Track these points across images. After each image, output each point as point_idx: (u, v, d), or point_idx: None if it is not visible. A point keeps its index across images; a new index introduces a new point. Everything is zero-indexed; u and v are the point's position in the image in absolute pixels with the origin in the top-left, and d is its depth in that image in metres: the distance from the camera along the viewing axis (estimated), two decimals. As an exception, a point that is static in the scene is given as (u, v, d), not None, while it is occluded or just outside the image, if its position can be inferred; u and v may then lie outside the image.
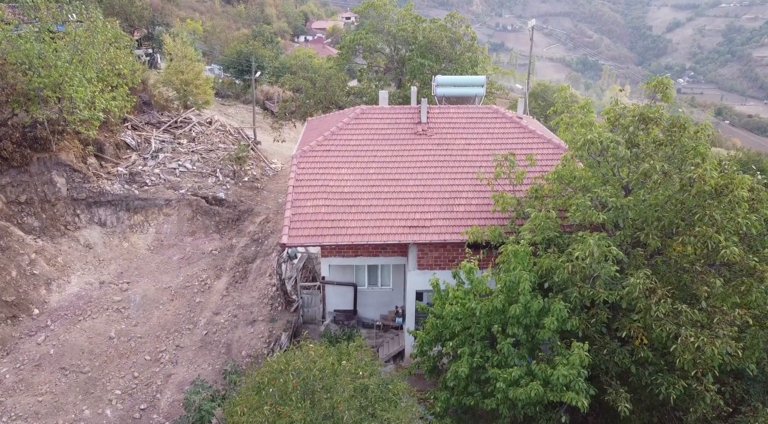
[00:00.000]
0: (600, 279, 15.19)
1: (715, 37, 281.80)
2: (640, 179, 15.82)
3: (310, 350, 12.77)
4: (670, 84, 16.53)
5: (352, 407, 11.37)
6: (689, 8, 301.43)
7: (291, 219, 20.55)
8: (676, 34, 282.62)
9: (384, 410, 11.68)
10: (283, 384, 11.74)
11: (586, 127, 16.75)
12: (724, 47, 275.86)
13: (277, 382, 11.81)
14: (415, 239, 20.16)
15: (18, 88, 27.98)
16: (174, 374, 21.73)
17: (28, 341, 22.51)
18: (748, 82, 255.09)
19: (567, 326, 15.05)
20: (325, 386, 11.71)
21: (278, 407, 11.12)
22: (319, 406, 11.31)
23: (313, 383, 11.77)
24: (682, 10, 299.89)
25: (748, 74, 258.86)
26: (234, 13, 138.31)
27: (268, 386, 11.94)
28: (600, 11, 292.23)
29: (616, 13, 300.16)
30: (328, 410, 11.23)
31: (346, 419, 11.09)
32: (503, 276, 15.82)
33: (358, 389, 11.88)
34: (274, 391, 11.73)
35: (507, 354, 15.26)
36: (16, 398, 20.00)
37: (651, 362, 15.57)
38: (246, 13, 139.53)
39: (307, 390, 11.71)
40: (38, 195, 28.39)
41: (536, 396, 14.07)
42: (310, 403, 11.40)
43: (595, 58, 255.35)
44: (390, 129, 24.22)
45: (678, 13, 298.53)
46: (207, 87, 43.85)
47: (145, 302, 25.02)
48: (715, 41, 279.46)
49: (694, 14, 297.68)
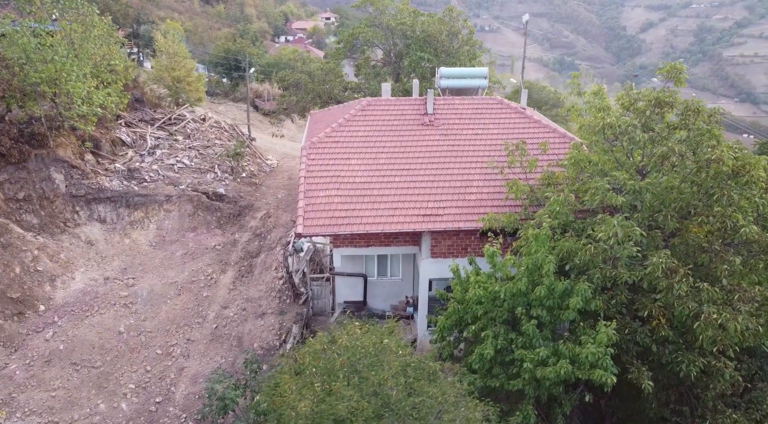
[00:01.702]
0: (621, 260, 15.50)
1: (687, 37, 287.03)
2: (657, 162, 16.18)
3: (355, 328, 12.86)
4: (683, 69, 16.96)
5: (399, 383, 11.49)
6: (662, 9, 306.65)
7: (305, 209, 20.62)
8: (649, 35, 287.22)
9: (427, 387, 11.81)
10: (329, 362, 11.82)
11: (604, 111, 17.05)
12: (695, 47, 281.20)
13: (322, 360, 11.87)
14: (429, 227, 20.35)
15: (14, 84, 27.57)
16: (187, 368, 21.60)
17: (36, 337, 22.18)
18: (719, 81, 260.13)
19: (591, 306, 15.34)
20: (371, 363, 11.81)
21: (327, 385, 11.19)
22: (367, 382, 11.42)
23: (360, 360, 11.87)
24: (655, 10, 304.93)
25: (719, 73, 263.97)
26: (213, 13, 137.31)
27: (310, 366, 12.00)
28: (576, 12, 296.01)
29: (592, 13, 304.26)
30: (375, 386, 11.34)
31: (394, 394, 11.21)
32: (526, 259, 16.07)
33: (402, 365, 12.00)
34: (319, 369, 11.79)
35: (532, 335, 15.51)
36: (29, 394, 19.72)
37: (670, 341, 15.93)
38: (225, 13, 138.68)
39: (353, 367, 11.80)
40: (36, 192, 27.96)
41: (565, 374, 14.32)
42: (358, 380, 11.50)
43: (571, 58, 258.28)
44: (397, 120, 24.39)
45: (651, 13, 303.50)
46: (199, 84, 43.58)
47: (153, 297, 24.81)
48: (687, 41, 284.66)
49: (667, 15, 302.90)
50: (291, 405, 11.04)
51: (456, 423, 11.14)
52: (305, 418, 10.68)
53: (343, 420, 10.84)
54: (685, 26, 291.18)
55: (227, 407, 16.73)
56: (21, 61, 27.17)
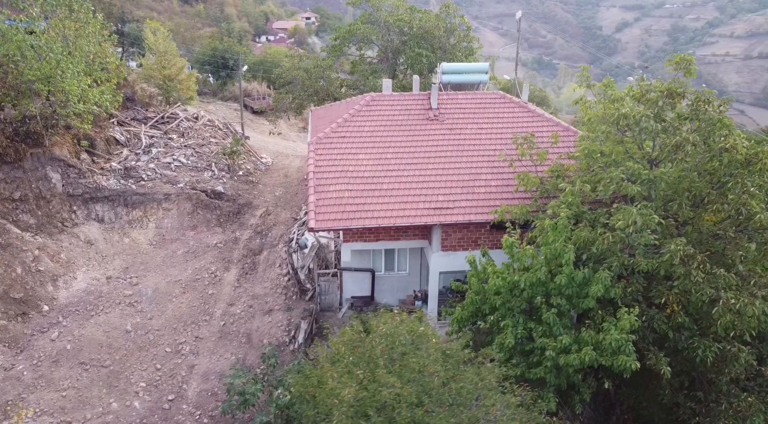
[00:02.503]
0: (639, 249, 15.77)
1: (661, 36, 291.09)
2: (671, 152, 16.48)
3: (393, 315, 12.92)
4: (692, 60, 17.30)
5: (438, 370, 11.58)
6: (636, 9, 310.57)
7: (315, 204, 20.62)
8: (625, 34, 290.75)
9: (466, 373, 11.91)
10: (368, 350, 11.86)
11: (618, 102, 17.33)
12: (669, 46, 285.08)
13: (361, 348, 11.92)
14: (441, 220, 20.48)
15: (8, 81, 27.13)
16: (197, 365, 21.47)
17: (41, 337, 21.85)
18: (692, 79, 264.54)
19: (610, 294, 15.58)
20: (409, 350, 11.88)
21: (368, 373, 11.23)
22: (407, 369, 11.49)
23: (398, 347, 11.94)
24: (630, 10, 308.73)
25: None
26: (193, 13, 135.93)
27: (347, 355, 12.03)
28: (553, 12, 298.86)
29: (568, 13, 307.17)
30: (415, 373, 11.42)
31: (435, 381, 11.30)
32: (544, 249, 16.27)
33: (440, 352, 12.10)
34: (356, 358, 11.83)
35: (552, 324, 15.70)
36: (39, 394, 19.43)
37: (686, 328, 16.24)
38: (205, 12, 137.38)
39: (393, 355, 11.85)
40: (33, 191, 27.52)
41: (590, 361, 14.53)
42: (399, 367, 11.56)
43: (549, 58, 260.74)
44: (402, 115, 24.50)
45: (626, 13, 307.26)
46: (190, 83, 43.23)
47: (157, 295, 24.58)
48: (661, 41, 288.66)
49: (641, 14, 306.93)
50: (333, 393, 11.08)
51: (496, 407, 11.27)
52: (348, 405, 10.72)
53: (385, 407, 10.90)
54: (659, 26, 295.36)
55: (247, 401, 16.69)
56: (16, 59, 26.73)
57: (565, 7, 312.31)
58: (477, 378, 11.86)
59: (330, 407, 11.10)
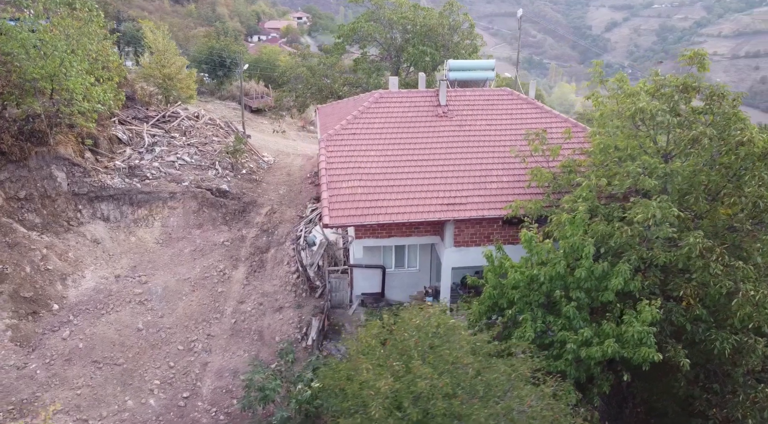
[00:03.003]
0: (657, 242, 15.91)
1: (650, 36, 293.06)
2: (687, 146, 16.65)
3: (427, 308, 12.98)
4: (706, 54, 17.48)
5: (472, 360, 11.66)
6: (625, 8, 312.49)
7: (329, 200, 20.64)
8: (614, 34, 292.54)
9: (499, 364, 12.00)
10: (401, 341, 11.91)
11: (634, 96, 17.47)
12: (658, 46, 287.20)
13: (393, 340, 11.96)
14: (454, 215, 20.57)
15: (12, 80, 26.91)
16: (210, 362, 21.42)
17: (52, 336, 21.73)
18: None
19: (630, 287, 15.69)
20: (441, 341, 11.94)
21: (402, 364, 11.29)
22: (441, 361, 11.56)
23: (431, 339, 12.00)
24: (619, 10, 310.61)
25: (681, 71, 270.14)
26: (184, 13, 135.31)
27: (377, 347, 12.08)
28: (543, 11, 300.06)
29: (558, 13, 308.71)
30: (449, 364, 11.48)
31: (470, 371, 11.37)
32: (562, 243, 16.37)
33: (471, 344, 12.17)
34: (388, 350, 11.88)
35: (572, 317, 15.81)
36: (53, 393, 19.33)
37: (703, 320, 16.39)
38: (197, 12, 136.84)
39: (427, 347, 11.91)
40: (38, 190, 27.36)
41: (612, 353, 14.64)
42: (433, 358, 11.62)
43: (540, 58, 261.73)
44: (411, 112, 24.58)
45: (615, 13, 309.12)
46: (189, 81, 43.07)
47: (167, 293, 24.50)
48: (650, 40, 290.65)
49: (630, 14, 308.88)
50: (367, 385, 11.11)
51: (530, 398, 11.36)
52: (383, 397, 10.76)
53: (420, 398, 10.96)
54: (648, 26, 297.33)
55: (267, 397, 16.70)
56: (21, 57, 26.54)
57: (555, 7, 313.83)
58: (509, 369, 11.94)
59: (364, 398, 11.14)
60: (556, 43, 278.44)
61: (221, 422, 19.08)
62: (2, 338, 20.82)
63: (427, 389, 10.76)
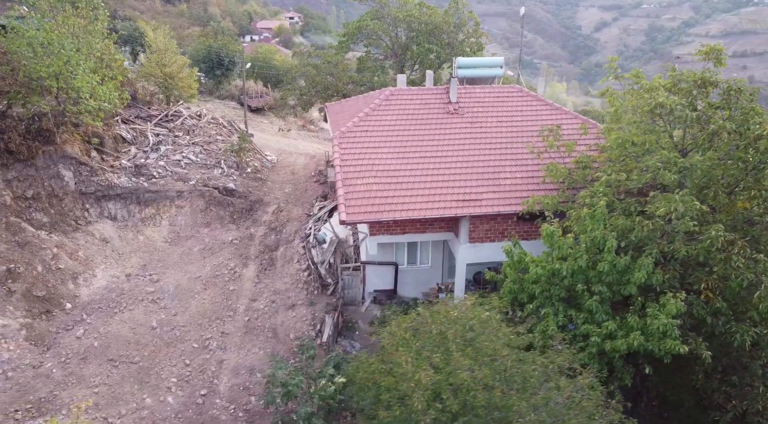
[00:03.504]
0: (678, 235, 16.09)
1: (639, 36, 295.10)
2: (706, 140, 16.86)
3: (466, 300, 13.06)
4: (722, 50, 17.68)
5: (509, 352, 11.77)
6: (614, 9, 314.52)
7: (345, 197, 20.71)
8: (603, 34, 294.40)
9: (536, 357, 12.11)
10: (438, 335, 11.98)
11: (653, 91, 17.64)
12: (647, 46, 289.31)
13: (429, 334, 12.04)
14: (470, 211, 20.69)
15: (19, 79, 26.72)
16: (226, 360, 21.40)
17: (66, 335, 21.62)
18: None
19: (652, 280, 15.86)
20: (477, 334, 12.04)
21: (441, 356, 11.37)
22: (480, 353, 11.65)
23: (468, 332, 12.09)
24: (608, 10, 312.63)
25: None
26: (176, 12, 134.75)
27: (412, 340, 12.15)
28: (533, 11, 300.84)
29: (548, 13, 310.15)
30: (488, 356, 11.58)
31: (509, 364, 11.47)
32: (583, 237, 16.52)
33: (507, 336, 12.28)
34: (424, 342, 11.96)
35: (595, 311, 15.97)
36: (71, 391, 19.23)
37: (723, 313, 16.58)
38: (189, 12, 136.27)
39: (466, 338, 12.00)
40: (45, 190, 27.20)
41: (638, 346, 14.80)
42: (472, 349, 11.71)
43: (530, 57, 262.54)
44: (422, 109, 24.70)
45: (604, 13, 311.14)
46: (191, 80, 42.94)
47: (180, 292, 24.44)
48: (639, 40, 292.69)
49: (619, 14, 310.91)
50: (406, 377, 11.19)
51: (569, 388, 11.48)
52: (424, 388, 10.84)
53: (459, 389, 11.05)
54: (637, 26, 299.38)
55: (290, 393, 16.71)
56: (28, 55, 26.36)
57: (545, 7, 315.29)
58: (546, 361, 12.06)
59: (404, 391, 11.21)
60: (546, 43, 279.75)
61: (240, 419, 19.06)
62: (17, 336, 20.70)
63: (468, 381, 10.85)
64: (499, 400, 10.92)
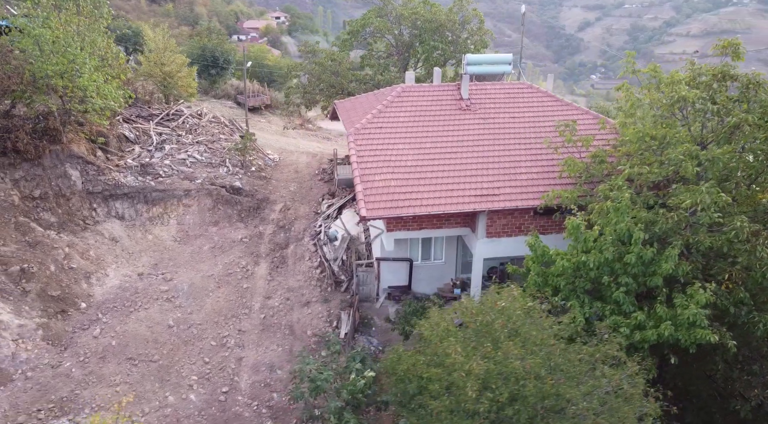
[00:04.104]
0: (702, 227, 16.35)
1: (622, 35, 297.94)
2: (727, 132, 17.15)
3: (512, 290, 13.18)
4: (740, 44, 17.99)
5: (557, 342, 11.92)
6: (597, 9, 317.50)
7: (364, 193, 20.76)
8: (587, 33, 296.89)
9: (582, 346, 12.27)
10: (485, 325, 12.09)
11: (674, 85, 17.90)
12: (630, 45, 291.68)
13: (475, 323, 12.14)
14: (488, 206, 20.84)
15: (25, 77, 26.42)
16: (245, 357, 21.36)
17: (83, 334, 21.45)
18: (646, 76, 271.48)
19: (678, 271, 16.10)
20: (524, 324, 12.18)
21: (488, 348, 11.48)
22: (529, 342, 11.78)
23: (515, 321, 12.21)
24: (591, 10, 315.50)
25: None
26: (161, 12, 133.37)
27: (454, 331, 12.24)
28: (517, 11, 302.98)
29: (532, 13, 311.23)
30: (536, 346, 11.72)
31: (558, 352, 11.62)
32: (608, 229, 16.72)
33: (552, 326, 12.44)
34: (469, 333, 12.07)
35: (622, 302, 16.18)
36: (92, 390, 19.10)
37: (745, 303, 16.87)
38: (175, 11, 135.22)
39: (512, 328, 12.13)
40: (53, 189, 26.95)
41: (669, 336, 15.01)
42: (520, 339, 11.84)
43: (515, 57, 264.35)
44: (434, 105, 24.84)
45: (588, 13, 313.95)
46: (190, 79, 42.71)
47: (194, 290, 24.35)
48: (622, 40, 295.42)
49: (602, 14, 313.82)
50: (455, 367, 11.29)
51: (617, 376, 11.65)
52: (476, 377, 10.95)
53: (509, 378, 11.18)
54: (620, 25, 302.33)
55: (319, 388, 16.73)
56: (35, 53, 26.08)
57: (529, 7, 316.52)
58: (592, 350, 12.23)
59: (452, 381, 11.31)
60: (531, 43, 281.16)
61: (264, 416, 19.05)
62: (34, 336, 20.50)
63: (519, 370, 10.99)
64: (550, 388, 11.06)
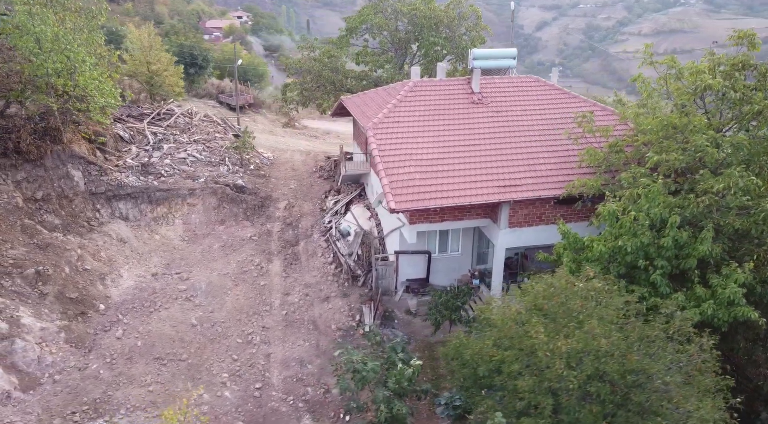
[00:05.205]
0: (732, 210, 17.04)
1: (578, 35, 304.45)
2: (749, 119, 17.91)
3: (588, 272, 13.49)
4: (755, 35, 18.79)
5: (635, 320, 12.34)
6: (554, 9, 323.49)
7: (390, 186, 20.92)
8: (545, 33, 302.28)
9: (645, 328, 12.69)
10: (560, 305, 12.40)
11: (698, 74, 18.57)
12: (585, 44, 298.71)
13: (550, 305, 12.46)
14: (512, 196, 21.25)
15: (25, 76, 25.67)
16: (273, 353, 21.27)
17: (106, 336, 21.00)
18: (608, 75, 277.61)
19: (712, 253, 16.74)
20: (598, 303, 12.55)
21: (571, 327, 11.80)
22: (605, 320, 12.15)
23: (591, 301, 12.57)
24: (548, 10, 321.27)
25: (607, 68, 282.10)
26: (121, 11, 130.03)
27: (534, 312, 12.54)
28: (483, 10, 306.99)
29: (491, 12, 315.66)
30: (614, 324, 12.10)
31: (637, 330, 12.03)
32: (641, 215, 17.26)
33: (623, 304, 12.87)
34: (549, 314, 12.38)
35: (659, 284, 16.73)
36: (124, 391, 18.74)
37: (767, 282, 17.64)
38: (134, 10, 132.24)
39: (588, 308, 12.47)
40: (55, 191, 26.30)
41: (712, 314, 15.61)
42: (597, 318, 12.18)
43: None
44: (447, 100, 25.16)
45: (545, 13, 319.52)
46: (176, 78, 42.04)
47: (212, 289, 24.07)
48: (578, 39, 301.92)
49: (559, 14, 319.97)
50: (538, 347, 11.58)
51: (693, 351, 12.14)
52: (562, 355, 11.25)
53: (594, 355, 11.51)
54: (575, 25, 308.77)
55: (365, 379, 16.80)
56: (35, 51, 25.34)
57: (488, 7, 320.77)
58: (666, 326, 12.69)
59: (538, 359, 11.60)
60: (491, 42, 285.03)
61: (301, 410, 19.03)
62: (57, 339, 19.99)
63: (605, 346, 11.34)
64: (634, 363, 11.45)
